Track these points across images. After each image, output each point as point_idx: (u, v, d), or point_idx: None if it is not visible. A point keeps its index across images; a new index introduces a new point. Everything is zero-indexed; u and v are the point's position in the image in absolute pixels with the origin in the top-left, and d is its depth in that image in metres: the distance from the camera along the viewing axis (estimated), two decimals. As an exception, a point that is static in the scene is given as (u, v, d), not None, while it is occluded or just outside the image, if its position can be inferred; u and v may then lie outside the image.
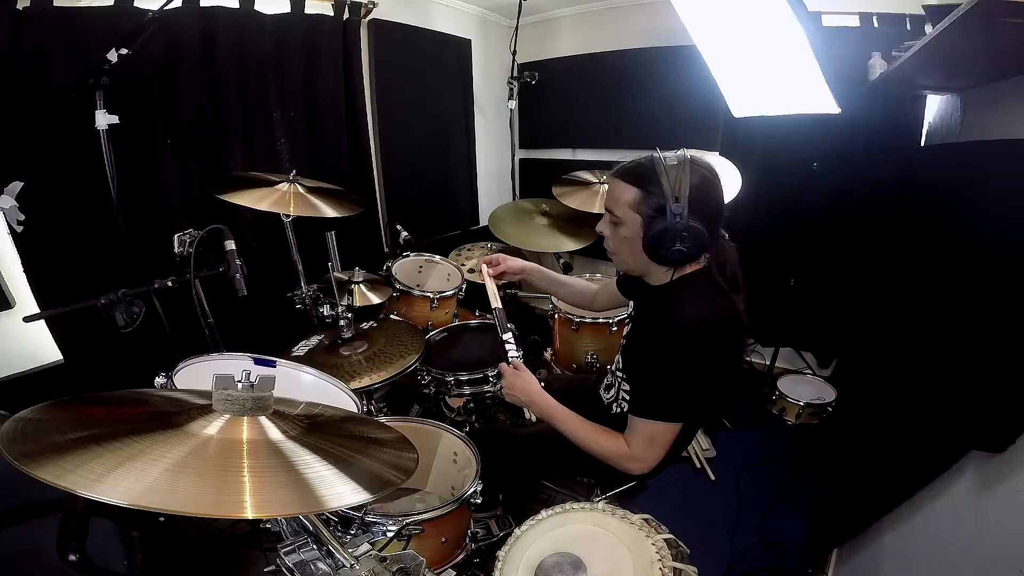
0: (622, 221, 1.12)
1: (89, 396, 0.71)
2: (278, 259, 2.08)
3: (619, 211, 1.12)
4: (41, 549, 0.99)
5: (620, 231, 1.14)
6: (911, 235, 1.74)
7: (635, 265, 1.19)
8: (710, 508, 1.99)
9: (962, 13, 0.85)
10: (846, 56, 1.96)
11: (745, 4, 1.64)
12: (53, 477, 0.51)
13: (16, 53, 1.56)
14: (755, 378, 2.62)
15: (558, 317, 2.09)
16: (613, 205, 1.14)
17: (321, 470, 0.65)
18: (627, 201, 1.10)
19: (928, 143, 2.06)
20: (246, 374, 0.71)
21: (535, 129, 3.35)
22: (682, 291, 1.13)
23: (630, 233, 1.12)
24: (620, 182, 1.12)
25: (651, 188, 1.07)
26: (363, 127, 2.55)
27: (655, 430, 1.14)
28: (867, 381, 1.87)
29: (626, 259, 1.18)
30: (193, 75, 1.95)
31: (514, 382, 1.31)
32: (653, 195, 1.07)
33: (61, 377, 1.76)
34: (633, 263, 1.18)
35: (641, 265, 1.17)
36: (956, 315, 1.23)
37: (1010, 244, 1.06)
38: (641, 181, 1.09)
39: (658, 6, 2.52)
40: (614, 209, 1.13)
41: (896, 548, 1.33)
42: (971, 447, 1.06)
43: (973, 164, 1.42)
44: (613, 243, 1.18)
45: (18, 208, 1.53)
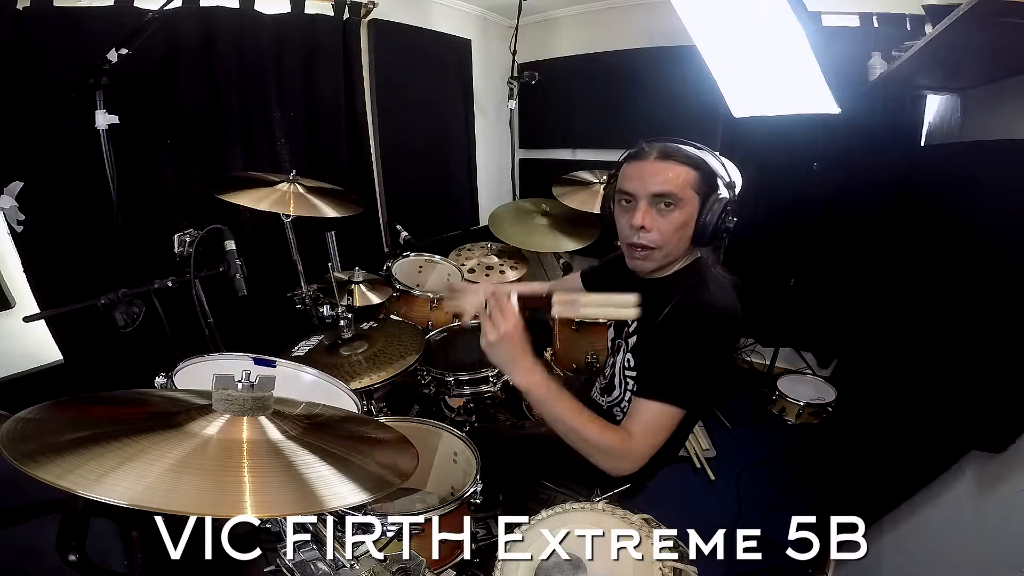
0: (682, 203, 1.06)
1: (89, 396, 0.71)
2: (278, 259, 2.08)
3: (681, 192, 1.06)
4: (41, 549, 0.99)
5: (674, 216, 1.07)
6: (911, 235, 1.74)
7: (673, 254, 1.13)
8: (710, 508, 1.99)
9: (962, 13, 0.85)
10: (846, 56, 1.96)
11: (745, 4, 1.64)
12: (53, 477, 0.51)
13: (16, 53, 1.56)
14: (755, 378, 2.62)
15: (558, 317, 2.09)
16: (669, 187, 1.06)
17: (321, 470, 0.65)
18: (688, 182, 1.06)
19: (928, 143, 2.06)
20: (246, 374, 0.71)
21: (535, 129, 3.35)
22: (706, 276, 1.12)
23: (687, 216, 1.08)
24: (674, 164, 1.07)
25: (704, 168, 1.06)
26: (363, 127, 2.55)
27: (661, 414, 1.05)
28: (867, 381, 1.87)
29: (672, 250, 1.11)
30: (193, 75, 1.95)
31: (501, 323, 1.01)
32: (707, 174, 1.06)
33: (61, 377, 1.76)
34: (672, 252, 1.12)
35: (677, 253, 1.13)
36: (956, 315, 1.24)
37: (1010, 244, 1.06)
38: (693, 160, 1.07)
39: (658, 6, 2.51)
40: (675, 191, 1.06)
41: (896, 548, 1.33)
42: (971, 447, 1.06)
43: (973, 164, 1.42)
44: (662, 233, 1.09)
45: (18, 208, 1.53)
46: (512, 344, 1.01)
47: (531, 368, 1.03)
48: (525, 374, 1.03)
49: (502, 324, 1.00)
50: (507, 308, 1.01)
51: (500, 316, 1.01)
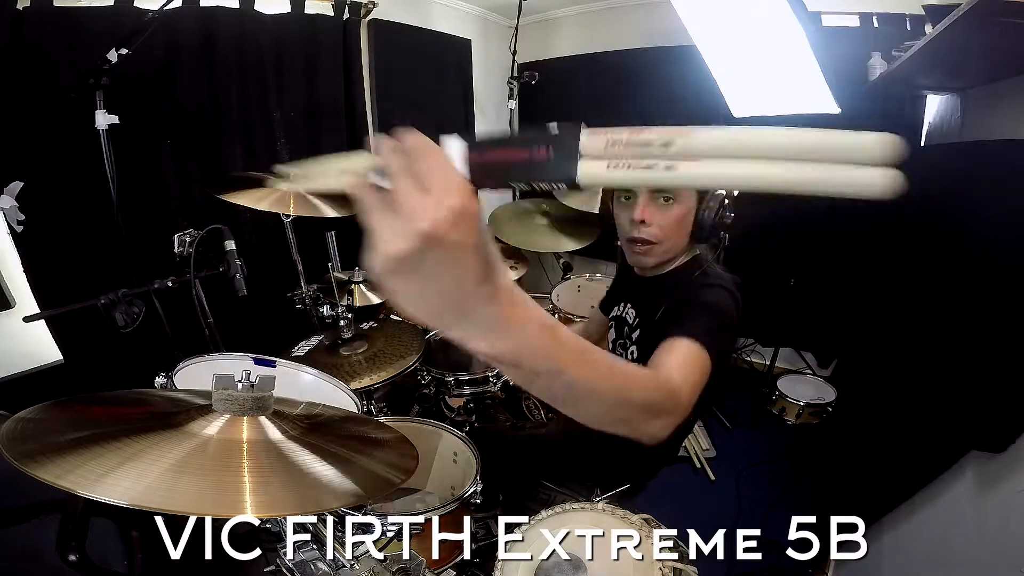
0: (681, 196, 1.09)
1: (89, 396, 0.71)
2: (278, 259, 2.07)
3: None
4: (41, 549, 0.99)
5: (673, 210, 1.10)
6: (911, 235, 1.74)
7: (674, 249, 1.15)
8: (710, 508, 1.99)
9: (962, 13, 0.85)
10: (846, 56, 1.96)
11: (745, 4, 1.64)
12: (53, 477, 0.51)
13: (16, 53, 1.56)
14: (755, 378, 2.62)
15: (558, 317, 2.09)
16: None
17: (321, 470, 0.65)
18: None
19: (928, 143, 2.06)
20: (246, 374, 0.71)
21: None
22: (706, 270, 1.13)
23: (685, 211, 1.11)
24: None
25: None
26: (363, 127, 2.55)
27: (691, 351, 0.88)
28: (867, 381, 1.87)
29: (672, 245, 1.14)
30: (193, 75, 1.95)
31: (435, 190, 0.36)
32: None
33: (61, 377, 1.76)
34: (673, 247, 1.15)
35: (677, 248, 1.15)
36: (956, 315, 1.23)
37: (1010, 244, 1.06)
38: None
39: (658, 6, 2.51)
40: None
41: (896, 548, 1.33)
42: (971, 447, 1.06)
43: (973, 164, 1.42)
44: (662, 228, 1.11)
45: (18, 208, 1.53)
46: (464, 248, 0.37)
47: (509, 298, 0.41)
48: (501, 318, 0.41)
49: (436, 194, 0.36)
50: (442, 162, 0.39)
51: (429, 175, 0.37)
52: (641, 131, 0.33)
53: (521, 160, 0.37)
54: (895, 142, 0.29)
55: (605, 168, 0.34)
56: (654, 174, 0.32)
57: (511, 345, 0.42)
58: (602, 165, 0.33)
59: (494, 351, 0.41)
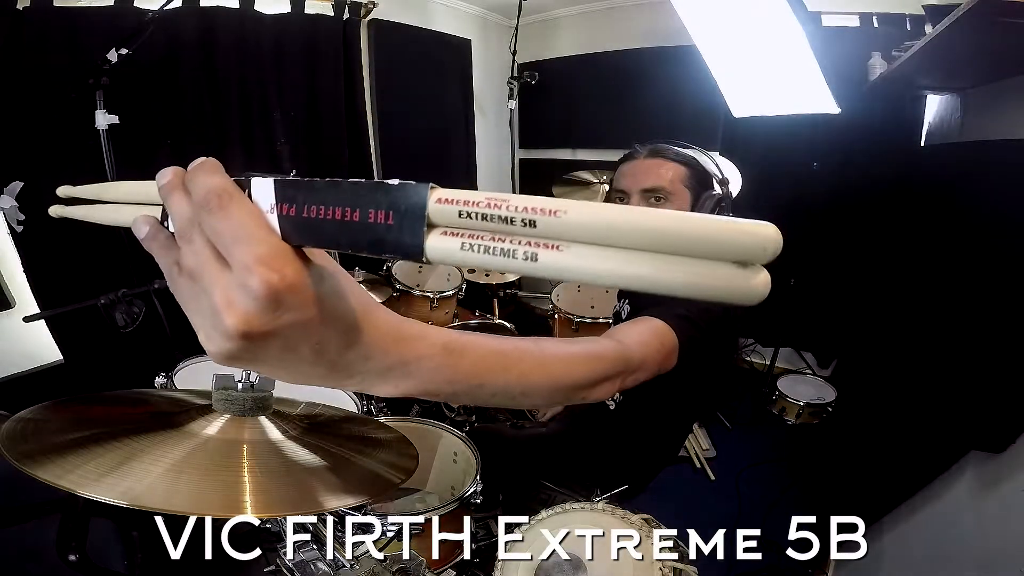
0: (672, 197, 1.10)
1: (89, 396, 0.71)
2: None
3: (671, 187, 1.10)
4: (41, 549, 0.99)
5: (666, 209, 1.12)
6: (911, 235, 1.74)
7: None
8: (710, 508, 1.99)
9: (962, 13, 0.85)
10: (846, 56, 1.96)
11: (745, 4, 1.64)
12: (53, 477, 0.51)
13: (16, 53, 1.56)
14: (755, 378, 2.62)
15: (558, 317, 2.09)
16: (660, 181, 1.10)
17: (321, 470, 0.65)
18: (677, 177, 1.10)
19: (928, 143, 2.06)
20: (246, 374, 0.71)
21: (535, 129, 3.35)
22: None
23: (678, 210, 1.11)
24: (664, 161, 1.11)
25: (694, 165, 1.09)
26: (363, 127, 2.55)
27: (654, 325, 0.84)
28: (867, 381, 1.87)
29: None
30: (193, 75, 1.96)
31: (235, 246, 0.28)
32: (698, 171, 1.09)
33: (61, 377, 1.76)
34: None
35: None
36: (956, 315, 1.23)
37: (1010, 244, 1.06)
38: (682, 158, 1.10)
39: (658, 6, 2.51)
40: (664, 185, 1.10)
41: (896, 548, 1.33)
42: (971, 447, 1.06)
43: (973, 164, 1.42)
44: None
45: (18, 208, 1.53)
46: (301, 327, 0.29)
47: (393, 344, 0.37)
48: (390, 365, 0.37)
49: (239, 271, 0.27)
50: (244, 219, 0.28)
51: (226, 238, 0.27)
52: (501, 202, 0.26)
53: (352, 221, 0.28)
54: (777, 238, 0.26)
55: (459, 248, 0.27)
56: (515, 263, 0.26)
57: (415, 382, 0.39)
58: (455, 243, 0.27)
59: (401, 391, 0.38)
